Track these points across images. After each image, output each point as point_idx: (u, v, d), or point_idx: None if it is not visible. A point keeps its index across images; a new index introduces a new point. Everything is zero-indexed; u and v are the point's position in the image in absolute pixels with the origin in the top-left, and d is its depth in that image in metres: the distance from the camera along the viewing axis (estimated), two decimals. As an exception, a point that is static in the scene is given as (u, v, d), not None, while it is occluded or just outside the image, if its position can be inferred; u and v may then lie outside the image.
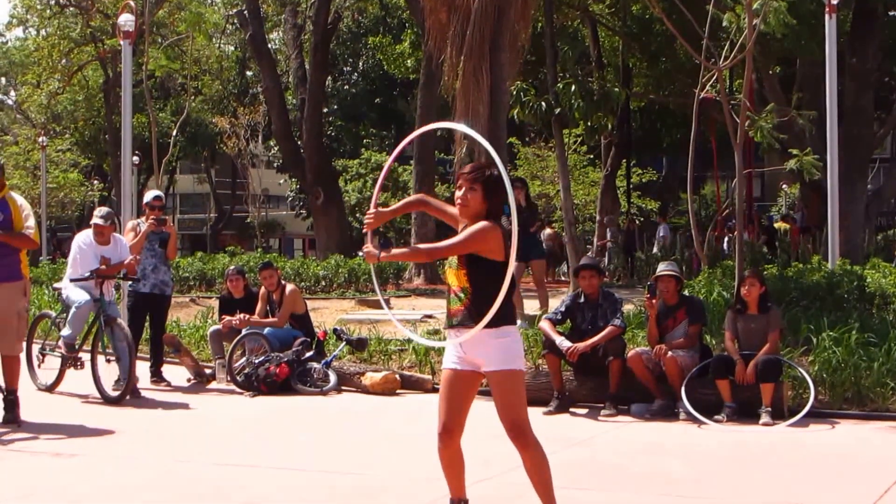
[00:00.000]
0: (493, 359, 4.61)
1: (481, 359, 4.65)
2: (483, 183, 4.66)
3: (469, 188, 4.67)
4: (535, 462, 4.67)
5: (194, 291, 19.70)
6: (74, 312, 9.01)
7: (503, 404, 4.64)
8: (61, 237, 47.75)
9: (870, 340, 8.75)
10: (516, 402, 4.66)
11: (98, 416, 8.29)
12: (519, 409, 4.66)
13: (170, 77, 38.56)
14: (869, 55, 19.14)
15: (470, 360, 4.69)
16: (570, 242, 16.55)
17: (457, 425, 4.73)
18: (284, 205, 54.90)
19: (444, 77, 14.33)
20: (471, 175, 4.68)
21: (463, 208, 4.70)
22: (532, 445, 4.66)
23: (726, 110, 10.48)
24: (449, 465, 4.82)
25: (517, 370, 4.67)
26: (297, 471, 6.32)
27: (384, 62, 30.58)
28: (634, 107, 27.87)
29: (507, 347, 4.64)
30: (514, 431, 4.63)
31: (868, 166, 21.35)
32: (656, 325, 8.56)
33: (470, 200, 4.66)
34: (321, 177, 25.97)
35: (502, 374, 4.62)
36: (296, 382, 9.58)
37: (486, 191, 4.66)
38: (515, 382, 4.66)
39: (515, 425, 4.63)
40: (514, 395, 4.65)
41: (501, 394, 4.64)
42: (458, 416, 4.73)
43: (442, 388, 4.78)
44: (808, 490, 5.85)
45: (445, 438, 4.73)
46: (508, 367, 4.63)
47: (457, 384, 4.72)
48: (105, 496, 5.74)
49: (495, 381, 4.65)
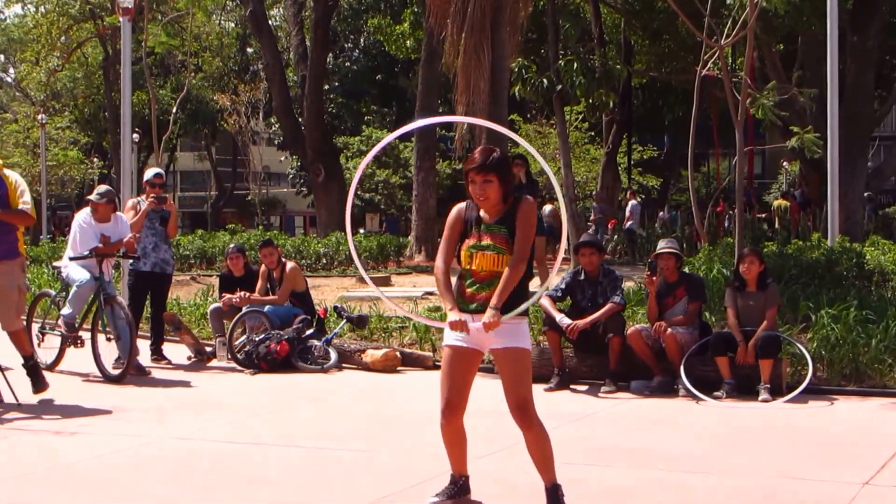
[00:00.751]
0: (504, 337, 4.63)
1: (490, 338, 4.65)
2: (496, 170, 4.66)
3: (484, 181, 4.66)
4: (538, 440, 4.70)
5: (195, 269, 19.73)
6: (75, 291, 8.99)
7: (511, 382, 4.66)
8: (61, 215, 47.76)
9: (868, 317, 8.77)
10: (524, 380, 4.68)
11: (98, 394, 8.31)
12: (526, 387, 4.69)
13: (170, 54, 38.46)
14: (870, 33, 19.05)
15: (476, 338, 4.69)
16: (570, 219, 16.54)
17: (460, 402, 4.76)
18: (285, 182, 54.87)
19: (445, 54, 14.29)
20: (481, 167, 4.65)
21: (485, 202, 4.69)
22: (535, 424, 4.68)
23: (728, 88, 10.45)
24: (451, 441, 4.85)
25: (526, 349, 4.71)
26: (298, 447, 6.33)
27: (384, 43, 30.44)
28: (636, 84, 27.77)
29: (518, 327, 4.68)
30: (520, 410, 4.65)
31: (868, 144, 21.27)
32: (656, 303, 8.57)
33: (489, 193, 4.67)
34: (322, 154, 25.93)
35: (513, 351, 4.65)
36: (296, 360, 9.60)
37: (501, 176, 4.68)
38: (524, 360, 4.69)
39: (521, 403, 4.65)
40: (521, 371, 4.67)
41: (510, 371, 4.66)
42: (461, 392, 4.76)
43: (444, 366, 4.80)
44: (805, 466, 5.87)
45: (448, 415, 4.76)
46: (518, 344, 4.66)
47: (460, 361, 4.74)
48: (105, 473, 5.75)
49: (505, 359, 4.66)
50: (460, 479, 4.96)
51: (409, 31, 27.63)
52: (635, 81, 26.93)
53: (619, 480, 5.55)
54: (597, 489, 5.35)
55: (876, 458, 5.98)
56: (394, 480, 5.48)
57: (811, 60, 19.12)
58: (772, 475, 5.63)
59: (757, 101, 10.35)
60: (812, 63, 18.84)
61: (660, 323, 8.36)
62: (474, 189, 4.69)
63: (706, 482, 5.50)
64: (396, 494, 5.21)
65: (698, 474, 5.67)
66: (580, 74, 15.67)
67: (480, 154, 4.72)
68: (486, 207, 4.73)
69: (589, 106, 17.72)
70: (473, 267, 4.70)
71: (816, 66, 17.48)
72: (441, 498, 4.90)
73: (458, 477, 4.95)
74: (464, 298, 4.71)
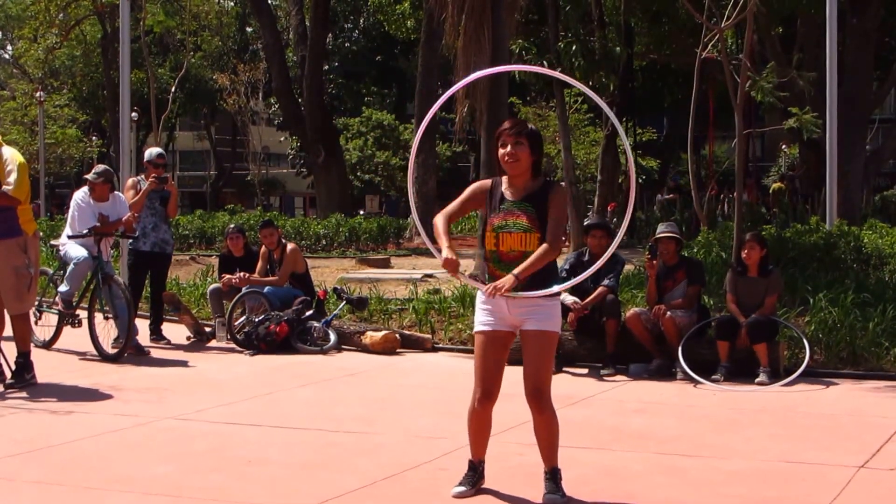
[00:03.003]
0: (538, 318, 4.62)
1: (524, 318, 4.63)
2: (528, 136, 4.68)
3: (515, 142, 4.67)
4: (548, 424, 4.70)
5: (194, 249, 19.72)
6: (73, 269, 8.96)
7: (535, 364, 4.64)
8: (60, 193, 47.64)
9: (866, 300, 8.78)
10: (547, 364, 4.67)
11: (96, 373, 8.29)
12: (547, 371, 4.68)
13: (169, 33, 38.19)
14: (870, 14, 18.97)
15: (510, 320, 4.67)
16: (571, 202, 16.51)
17: (496, 388, 4.74)
18: (285, 163, 54.76)
19: (445, 35, 14.23)
20: (514, 129, 4.68)
21: (514, 164, 4.67)
22: (549, 408, 4.68)
23: (727, 70, 10.42)
24: (479, 428, 4.82)
25: (556, 332, 4.71)
26: (296, 429, 6.33)
27: (384, 22, 30.31)
28: (636, 66, 27.65)
29: (552, 309, 4.67)
30: (537, 393, 4.64)
31: (867, 126, 21.23)
32: (656, 286, 8.57)
33: (520, 155, 4.66)
34: (322, 135, 25.85)
35: (543, 334, 4.63)
36: (296, 341, 9.59)
37: (532, 144, 4.69)
38: (551, 344, 4.69)
39: (539, 387, 4.64)
40: (547, 356, 4.66)
41: (536, 353, 4.64)
42: (497, 378, 4.73)
43: (479, 352, 4.74)
44: (802, 448, 5.88)
45: (485, 402, 4.72)
46: (550, 328, 4.65)
47: (494, 345, 4.70)
48: (102, 453, 5.73)
49: (534, 340, 4.64)
50: (479, 465, 4.92)
51: (409, 12, 27.52)
52: (636, 63, 26.81)
53: (616, 462, 5.55)
54: (594, 471, 5.35)
55: (872, 440, 5.99)
56: (392, 463, 5.47)
57: (810, 42, 19.04)
58: (768, 458, 5.64)
59: (756, 84, 10.31)
60: (811, 45, 18.77)
61: (659, 306, 8.36)
62: (504, 151, 4.67)
63: (703, 465, 5.51)
64: (395, 477, 5.20)
65: (695, 457, 5.68)
66: (580, 56, 15.61)
67: (512, 121, 4.79)
68: (514, 172, 4.70)
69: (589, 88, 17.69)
70: (502, 248, 4.66)
71: (816, 48, 17.42)
72: (467, 487, 4.84)
73: (478, 463, 4.91)
74: (494, 279, 4.64)
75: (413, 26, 27.39)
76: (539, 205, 4.65)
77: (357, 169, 39.60)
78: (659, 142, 40.09)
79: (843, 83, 14.75)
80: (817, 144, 17.21)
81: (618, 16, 23.70)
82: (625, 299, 9.23)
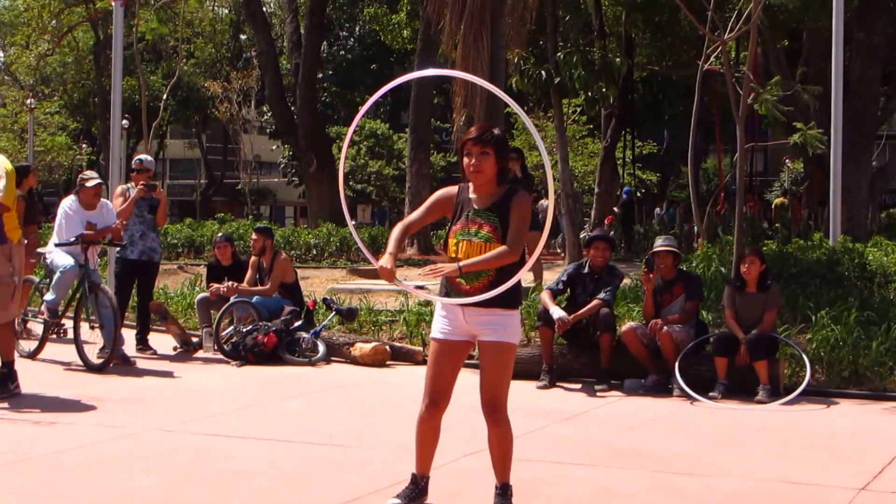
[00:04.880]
0: (495, 329, 4.54)
1: (481, 328, 4.56)
2: (494, 145, 4.59)
3: (481, 153, 4.58)
4: (502, 438, 4.62)
5: (182, 259, 19.56)
6: (59, 277, 8.84)
7: (490, 376, 4.57)
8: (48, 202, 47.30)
9: (869, 319, 8.67)
10: (504, 377, 4.60)
11: (81, 383, 8.18)
12: (504, 383, 4.61)
13: (161, 39, 37.97)
14: (877, 29, 18.87)
15: (466, 329, 4.59)
16: (568, 215, 16.35)
17: (444, 397, 4.67)
18: (276, 171, 54.37)
19: (442, 44, 14.10)
20: (480, 139, 4.58)
21: (479, 175, 4.59)
22: (505, 422, 4.60)
23: (729, 83, 10.28)
24: (425, 439, 4.73)
25: (513, 344, 4.63)
26: (284, 442, 6.25)
27: (380, 32, 30.18)
28: (637, 77, 27.56)
29: (510, 319, 4.60)
30: (492, 405, 4.57)
31: (873, 142, 21.10)
32: (653, 301, 8.45)
33: (484, 166, 4.58)
34: (314, 143, 25.59)
35: (501, 346, 4.56)
36: (284, 352, 9.46)
37: (498, 152, 4.60)
38: (508, 356, 4.61)
39: (494, 399, 4.57)
40: (503, 367, 4.59)
41: (492, 365, 4.57)
42: (447, 387, 4.66)
43: (432, 359, 4.68)
44: (801, 469, 5.79)
45: (432, 409, 4.65)
46: (508, 339, 4.58)
47: (448, 354, 4.63)
48: (85, 464, 5.65)
49: (490, 351, 4.56)
50: (422, 480, 4.81)
51: (405, 21, 27.38)
52: (636, 75, 26.73)
53: (610, 481, 5.46)
54: (586, 490, 5.26)
55: (874, 462, 5.90)
56: (380, 477, 5.38)
57: (816, 57, 18.96)
58: (766, 479, 5.55)
59: (760, 97, 10.19)
60: (817, 59, 18.68)
61: (656, 321, 8.25)
62: (469, 161, 4.59)
63: (700, 484, 5.43)
64: (382, 491, 5.10)
65: (691, 476, 5.59)
66: (579, 67, 15.47)
67: (478, 128, 4.68)
68: (478, 182, 4.62)
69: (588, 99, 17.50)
70: (461, 256, 4.58)
71: (821, 62, 17.33)
72: (402, 500, 4.74)
73: (421, 478, 4.80)
74: (454, 288, 4.59)
75: (409, 36, 27.24)
76: (503, 214, 4.59)
77: (349, 178, 39.39)
78: (659, 155, 40.03)
79: (849, 98, 14.64)
80: (822, 160, 17.07)
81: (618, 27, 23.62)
82: (621, 313, 9.11)
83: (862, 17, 18.57)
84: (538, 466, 5.66)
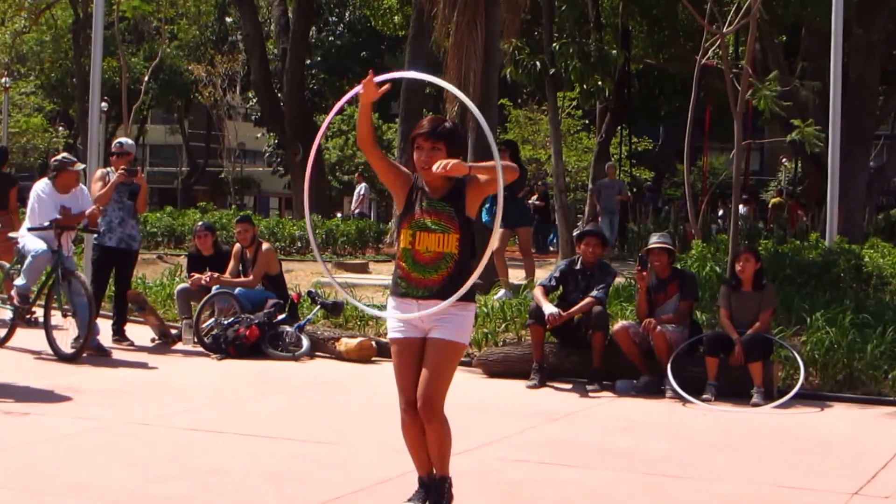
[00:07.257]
0: (446, 327, 4.43)
1: (433, 325, 4.45)
2: (446, 139, 4.44)
3: (432, 148, 4.44)
4: (439, 437, 4.50)
5: (162, 248, 19.34)
6: (30, 262, 8.63)
7: (430, 372, 4.45)
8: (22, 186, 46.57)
9: (865, 322, 8.56)
10: (442, 374, 4.48)
11: (52, 374, 8.02)
12: (445, 382, 4.49)
13: (144, 20, 37.21)
14: (876, 26, 18.71)
15: (421, 326, 4.49)
16: (561, 210, 16.16)
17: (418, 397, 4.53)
18: (261, 160, 53.67)
19: (435, 31, 13.85)
20: (432, 133, 4.43)
21: (429, 172, 4.42)
22: (438, 420, 4.48)
23: (727, 77, 10.10)
24: (415, 441, 4.59)
25: (461, 344, 4.53)
26: (264, 438, 6.15)
27: (371, 17, 29.84)
28: (633, 70, 27.34)
29: (465, 320, 4.50)
30: (430, 403, 4.45)
31: (871, 141, 20.97)
32: (647, 299, 8.30)
33: (435, 161, 4.39)
34: (301, 132, 25.18)
35: (447, 344, 4.46)
36: (266, 346, 9.29)
37: (450, 146, 4.45)
38: (454, 355, 4.52)
39: (433, 397, 4.45)
40: (445, 366, 4.48)
41: (434, 362, 4.46)
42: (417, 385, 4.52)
43: (397, 361, 4.57)
44: (794, 473, 5.73)
45: (411, 412, 4.52)
46: (459, 339, 4.49)
47: (412, 353, 4.52)
48: (58, 457, 5.55)
49: (436, 348, 4.45)
50: (428, 479, 4.67)
51: (396, 7, 27.08)
52: (633, 68, 26.49)
53: (600, 483, 5.39)
54: (575, 492, 5.19)
55: (867, 467, 5.85)
56: (363, 476, 5.31)
57: (815, 53, 18.84)
58: (758, 482, 5.50)
59: (758, 92, 10.01)
60: (815, 55, 18.54)
61: (649, 320, 8.10)
62: (419, 156, 4.45)
63: (691, 488, 5.38)
64: (365, 490, 5.04)
65: (681, 479, 5.54)
66: (575, 58, 15.25)
67: (430, 121, 4.53)
68: (429, 179, 4.48)
69: (583, 92, 17.29)
70: (417, 247, 4.45)
71: (820, 58, 17.19)
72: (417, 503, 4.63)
73: (427, 477, 4.67)
74: (410, 283, 4.46)
75: (401, 22, 26.91)
76: (457, 203, 4.47)
77: (336, 169, 38.93)
78: (654, 152, 39.85)
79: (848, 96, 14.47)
80: (819, 159, 16.91)
81: (615, 18, 23.40)
82: (614, 312, 8.97)
83: (861, 13, 18.40)
84: (527, 467, 5.60)
